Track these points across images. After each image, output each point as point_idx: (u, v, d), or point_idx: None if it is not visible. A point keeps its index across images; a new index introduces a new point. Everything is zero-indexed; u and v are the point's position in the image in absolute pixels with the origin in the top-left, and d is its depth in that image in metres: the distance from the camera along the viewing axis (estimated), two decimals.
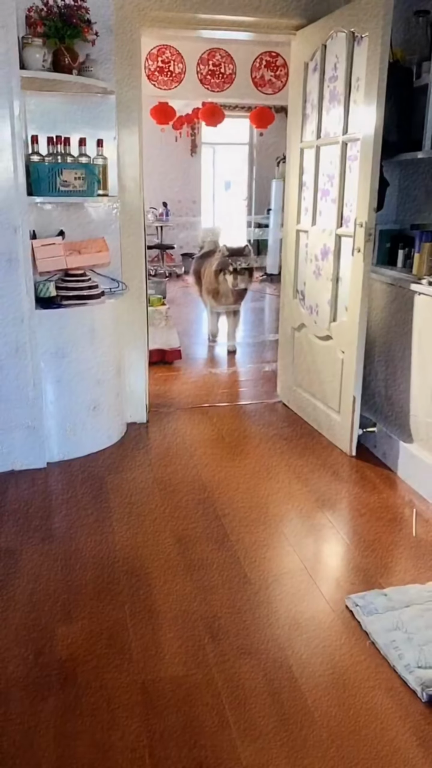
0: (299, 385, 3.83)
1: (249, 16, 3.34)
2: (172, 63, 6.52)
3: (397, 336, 3.05)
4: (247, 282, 5.12)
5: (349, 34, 2.97)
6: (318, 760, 1.54)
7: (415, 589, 2.18)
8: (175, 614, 2.04)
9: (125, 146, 3.28)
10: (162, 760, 1.52)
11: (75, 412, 3.13)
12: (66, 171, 2.84)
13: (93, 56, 2.94)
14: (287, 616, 2.06)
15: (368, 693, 1.75)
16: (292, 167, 3.70)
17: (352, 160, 3.06)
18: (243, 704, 1.70)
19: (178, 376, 4.67)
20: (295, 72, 3.60)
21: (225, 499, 2.82)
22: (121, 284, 3.34)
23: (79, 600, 2.11)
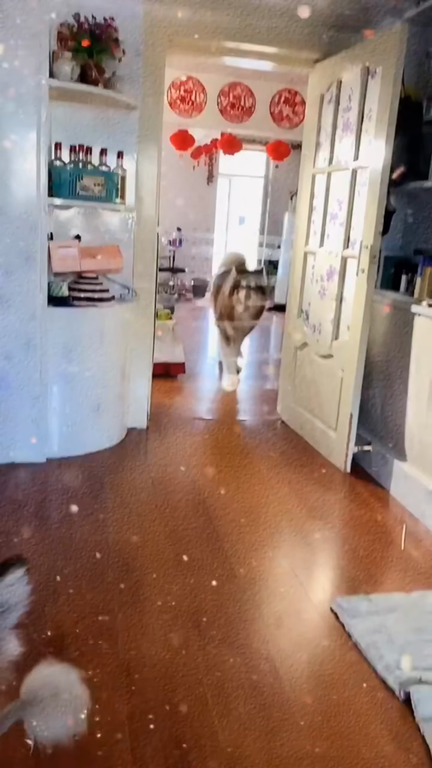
0: (299, 403, 3.89)
1: (271, 46, 3.51)
2: (194, 93, 6.78)
3: (396, 356, 3.13)
4: (262, 300, 4.93)
5: (364, 68, 3.13)
6: (292, 746, 1.55)
7: (399, 597, 2.21)
8: (162, 604, 2.07)
9: (144, 161, 3.42)
10: (142, 737, 1.55)
11: (78, 411, 3.20)
12: (86, 177, 2.97)
13: (119, 73, 3.10)
14: (272, 614, 2.09)
15: (347, 689, 1.77)
16: (304, 192, 3.84)
17: (361, 186, 3.19)
18: (223, 690, 1.72)
19: (180, 389, 4.74)
20: (312, 102, 3.77)
21: (219, 505, 2.86)
22: (131, 291, 3.45)
23: (69, 585, 2.14)
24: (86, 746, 1.48)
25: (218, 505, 2.84)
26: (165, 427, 3.84)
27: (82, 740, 1.49)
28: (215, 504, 2.85)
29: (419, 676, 1.80)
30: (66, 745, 1.45)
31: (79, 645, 1.86)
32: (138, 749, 1.51)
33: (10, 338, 2.98)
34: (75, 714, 0.93)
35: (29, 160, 2.83)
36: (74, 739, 1.21)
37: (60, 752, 1.43)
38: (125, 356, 3.46)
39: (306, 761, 1.51)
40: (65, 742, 0.92)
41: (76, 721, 0.94)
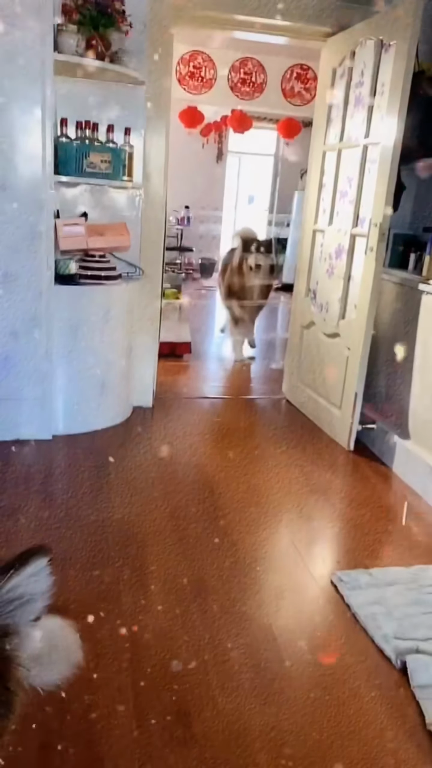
0: (304, 382, 3.91)
1: (283, 20, 3.46)
2: (204, 69, 6.70)
3: (402, 335, 3.12)
4: (269, 276, 4.92)
5: (378, 41, 3.08)
6: (289, 712, 1.60)
7: (398, 571, 2.24)
8: (164, 575, 2.12)
9: (152, 137, 3.40)
10: (144, 707, 1.59)
11: (83, 389, 3.23)
12: (93, 153, 2.96)
13: (126, 47, 3.07)
14: (273, 585, 2.13)
15: (344, 658, 1.81)
16: (314, 169, 3.80)
17: (372, 163, 3.16)
18: (223, 657, 1.77)
19: (186, 369, 4.76)
20: (324, 77, 3.72)
21: (221, 481, 2.89)
22: (138, 269, 3.45)
23: (73, 555, 2.19)
24: (89, 716, 1.54)
25: (222, 482, 2.87)
26: (170, 406, 3.87)
27: (86, 708, 1.55)
28: (217, 480, 2.89)
29: (416, 646, 1.84)
30: (70, 714, 1.51)
31: (82, 616, 1.90)
32: (140, 718, 1.55)
33: (17, 316, 3.00)
34: (71, 663, 0.96)
35: (34, 136, 2.83)
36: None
37: (64, 720, 1.49)
38: (131, 335, 3.48)
39: (304, 728, 1.56)
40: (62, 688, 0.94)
41: (72, 669, 0.97)
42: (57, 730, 1.49)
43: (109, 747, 1.46)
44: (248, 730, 1.53)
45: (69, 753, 1.43)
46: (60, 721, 1.51)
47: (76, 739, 1.47)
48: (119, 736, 1.49)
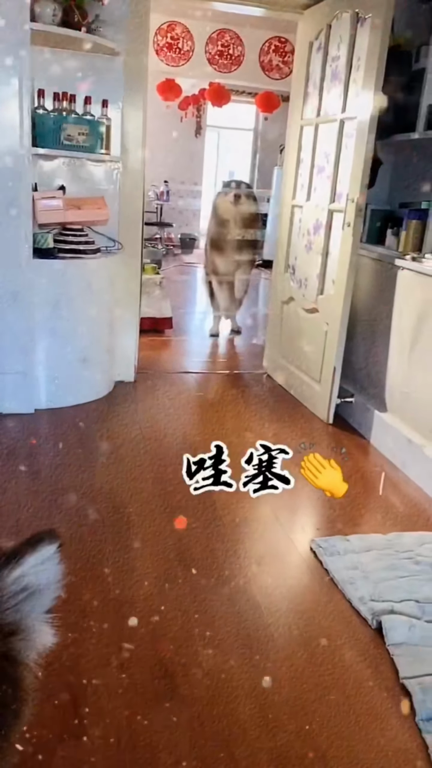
0: (285, 357, 3.95)
1: None
2: (182, 40, 6.59)
3: (380, 310, 3.18)
4: (254, 214, 4.81)
5: (354, 14, 3.07)
6: (271, 668, 1.67)
7: (375, 538, 2.32)
8: (149, 544, 2.17)
9: (130, 110, 3.36)
10: (129, 661, 1.65)
11: (65, 363, 3.24)
12: (70, 126, 2.93)
13: (102, 17, 3.03)
14: (254, 551, 2.20)
15: (323, 619, 1.89)
16: (291, 144, 3.80)
17: (349, 138, 3.17)
18: (207, 619, 1.83)
19: (168, 344, 4.78)
20: (300, 51, 3.70)
21: (204, 451, 2.94)
22: (117, 243, 3.44)
23: (59, 525, 2.23)
24: (79, 673, 1.59)
25: (203, 453, 2.92)
26: (152, 380, 3.89)
27: (71, 667, 1.60)
28: (200, 451, 2.93)
29: (391, 607, 1.92)
30: (59, 668, 1.55)
31: (68, 582, 1.94)
32: (128, 676, 1.61)
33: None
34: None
35: (11, 108, 2.79)
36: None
37: (51, 675, 1.54)
38: (112, 309, 3.48)
39: (284, 682, 1.63)
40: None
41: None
42: (42, 684, 1.53)
43: (94, 705, 1.51)
44: (232, 687, 1.60)
45: (54, 705, 1.48)
46: (44, 677, 1.56)
47: (60, 695, 1.52)
48: (105, 695, 1.54)
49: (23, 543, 0.69)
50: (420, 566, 2.14)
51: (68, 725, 1.45)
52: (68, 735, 1.41)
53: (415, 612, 1.90)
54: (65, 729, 1.43)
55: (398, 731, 1.52)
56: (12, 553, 0.68)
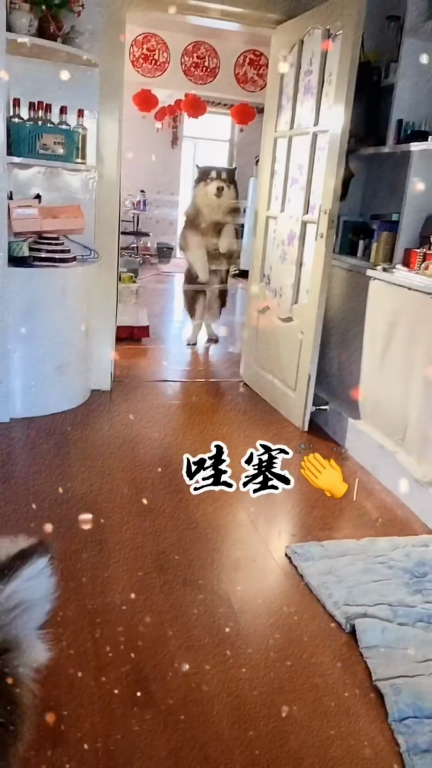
0: (261, 365, 3.99)
1: (235, 6, 3.49)
2: (157, 51, 6.64)
3: (352, 319, 3.23)
4: (234, 201, 4.51)
5: (325, 31, 3.15)
6: (246, 672, 1.68)
7: (349, 543, 2.35)
8: (124, 549, 2.18)
9: (105, 119, 3.39)
10: (105, 666, 1.65)
11: (41, 371, 3.23)
12: (46, 135, 2.94)
13: (78, 28, 3.05)
14: (230, 557, 2.22)
15: (298, 623, 1.91)
16: (266, 156, 3.86)
17: (321, 151, 3.24)
18: (183, 624, 1.84)
19: (144, 353, 4.79)
20: (274, 65, 3.77)
21: (180, 458, 2.94)
22: (93, 252, 3.45)
23: (34, 531, 2.21)
24: (54, 680, 1.59)
25: (179, 459, 2.91)
26: (129, 389, 3.90)
27: (46, 676, 1.59)
28: (176, 457, 2.94)
29: (364, 611, 1.95)
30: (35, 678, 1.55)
31: None
32: (103, 683, 1.61)
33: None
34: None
35: None
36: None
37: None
38: (88, 317, 3.48)
39: (259, 687, 1.65)
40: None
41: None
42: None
43: (70, 713, 1.51)
44: (207, 692, 1.61)
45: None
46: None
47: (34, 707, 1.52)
48: (80, 703, 1.54)
49: (14, 557, 0.68)
50: (392, 570, 2.18)
51: (44, 734, 1.45)
52: (45, 744, 1.41)
53: (388, 615, 1.93)
54: (41, 737, 1.43)
55: (371, 732, 1.54)
56: (3, 567, 0.66)
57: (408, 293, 2.72)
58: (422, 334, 2.64)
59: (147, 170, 9.47)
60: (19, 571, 0.66)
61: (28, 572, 0.67)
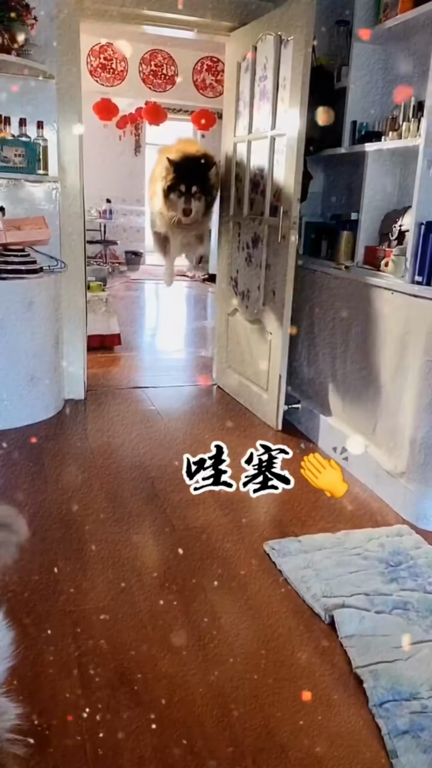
0: (233, 368, 4.03)
1: (187, 15, 3.54)
2: (115, 61, 6.67)
3: (319, 318, 3.30)
4: (203, 210, 3.56)
5: (277, 37, 3.21)
6: (229, 668, 1.71)
7: (325, 537, 2.40)
8: (103, 557, 2.19)
9: (65, 130, 3.40)
10: (88, 672, 1.67)
11: (12, 383, 3.22)
12: (6, 148, 2.95)
13: (33, 41, 3.07)
14: (208, 556, 2.24)
15: (278, 617, 1.94)
16: (227, 160, 3.91)
17: (280, 154, 3.30)
18: (163, 626, 1.86)
19: (116, 360, 4.80)
20: (230, 71, 3.83)
21: (155, 464, 2.98)
22: (60, 262, 3.46)
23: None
24: (39, 686, 1.60)
25: (154, 465, 2.96)
26: (102, 397, 3.90)
27: (34, 680, 1.61)
28: (151, 464, 2.97)
29: (342, 601, 1.99)
30: (18, 684, 1.56)
31: (24, 598, 1.95)
32: (86, 684, 1.62)
33: None
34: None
35: None
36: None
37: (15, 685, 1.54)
38: (58, 327, 3.49)
39: (242, 681, 1.68)
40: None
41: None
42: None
43: (57, 717, 1.52)
44: (190, 689, 1.63)
45: (17, 716, 1.48)
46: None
47: (23, 707, 1.53)
48: (66, 706, 1.55)
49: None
50: (368, 561, 2.23)
51: (31, 736, 1.46)
52: (32, 746, 1.42)
53: (365, 604, 1.98)
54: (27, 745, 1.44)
55: (353, 718, 1.59)
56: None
57: (369, 290, 2.79)
58: (385, 328, 2.71)
59: (112, 179, 9.48)
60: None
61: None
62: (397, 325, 2.63)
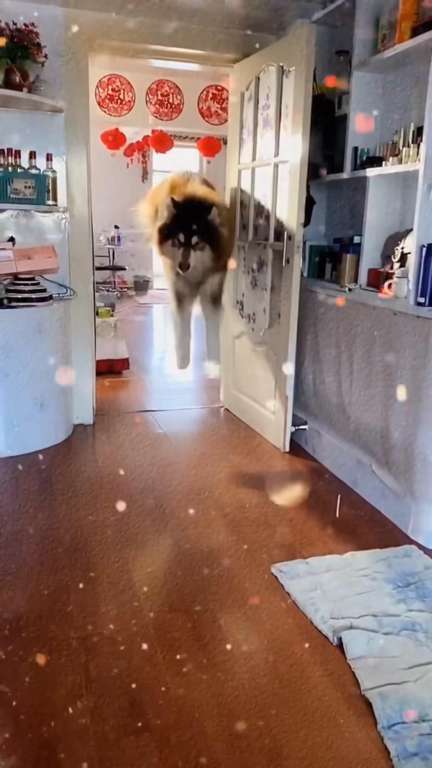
0: (240, 390, 4.07)
1: (191, 48, 3.65)
2: (122, 91, 6.85)
3: (325, 340, 3.33)
4: (215, 260, 3.00)
5: (279, 67, 3.31)
6: (237, 690, 1.72)
7: (333, 559, 2.40)
8: (112, 580, 2.20)
9: (74, 161, 3.50)
10: (99, 697, 1.68)
11: (22, 408, 3.27)
12: (17, 180, 3.04)
13: (43, 77, 3.18)
14: (217, 579, 2.25)
15: (286, 639, 1.95)
16: (231, 187, 4.00)
17: (283, 180, 3.37)
18: (172, 649, 1.87)
19: (125, 384, 4.85)
20: (233, 100, 3.93)
21: (164, 486, 3.00)
22: (69, 290, 3.53)
23: (22, 570, 2.24)
24: (48, 712, 1.61)
25: (163, 488, 2.98)
26: (111, 421, 3.94)
27: (41, 705, 1.62)
28: (160, 486, 2.99)
29: (350, 623, 1.99)
30: (25, 715, 1.57)
31: (34, 624, 1.96)
32: (95, 706, 1.63)
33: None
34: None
35: None
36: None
37: (18, 722, 1.55)
38: (67, 353, 3.54)
39: (251, 704, 1.68)
40: None
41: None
42: (12, 736, 1.55)
43: (66, 743, 1.53)
44: (198, 711, 1.64)
45: (29, 740, 1.49)
46: (14, 724, 1.57)
47: (31, 741, 1.53)
48: (75, 731, 1.56)
49: None
50: (375, 582, 2.23)
51: (43, 765, 1.47)
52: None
53: (373, 626, 1.98)
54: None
55: (362, 741, 1.58)
56: None
57: (373, 311, 2.83)
58: (389, 348, 2.73)
59: (119, 205, 9.62)
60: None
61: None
62: (401, 345, 2.65)
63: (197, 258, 2.90)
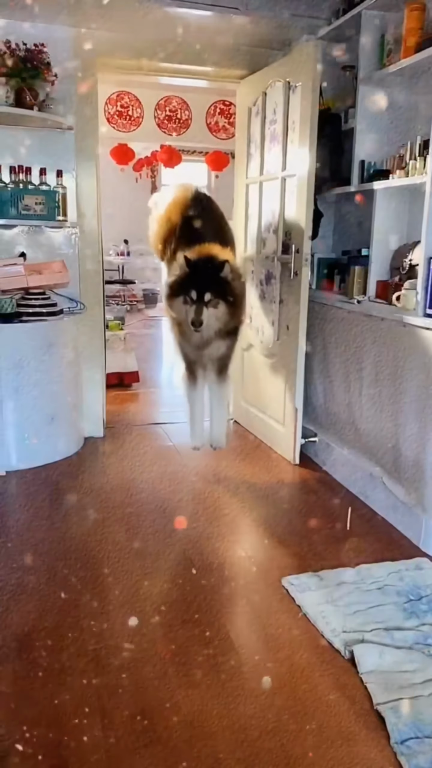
0: (249, 402, 4.07)
1: (199, 65, 3.71)
2: (131, 108, 6.94)
3: (334, 351, 3.33)
4: (228, 318, 2.90)
5: (285, 83, 3.35)
6: (248, 705, 1.71)
7: (344, 571, 2.39)
8: (123, 593, 2.20)
9: (83, 177, 3.55)
10: (109, 711, 1.67)
11: (33, 422, 3.29)
12: (27, 196, 3.08)
13: (53, 95, 3.24)
14: (228, 593, 2.24)
15: (297, 652, 1.94)
16: (239, 201, 4.03)
17: (290, 194, 3.40)
18: (183, 662, 1.86)
19: (135, 397, 4.86)
20: (241, 116, 3.97)
21: (174, 500, 3.00)
22: (79, 304, 3.56)
23: (33, 582, 2.25)
24: (60, 729, 1.61)
25: (173, 501, 2.98)
26: (121, 434, 3.96)
27: (53, 723, 1.62)
28: (170, 499, 3.00)
29: (362, 637, 1.98)
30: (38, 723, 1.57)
31: (45, 637, 1.97)
32: (107, 720, 1.63)
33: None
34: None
35: None
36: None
37: (31, 733, 1.56)
38: (77, 367, 3.57)
39: (261, 718, 1.67)
40: None
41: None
42: (24, 747, 1.54)
43: (77, 757, 1.52)
44: (210, 726, 1.63)
45: (36, 760, 1.49)
46: (26, 737, 1.57)
47: (43, 747, 1.53)
48: (87, 748, 1.56)
49: None
50: (387, 595, 2.21)
51: None
52: None
53: (385, 639, 1.96)
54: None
55: (375, 756, 1.56)
56: None
57: (382, 323, 2.83)
58: (398, 360, 2.73)
59: (129, 220, 9.71)
60: None
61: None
62: (410, 356, 2.65)
63: (210, 315, 2.81)
